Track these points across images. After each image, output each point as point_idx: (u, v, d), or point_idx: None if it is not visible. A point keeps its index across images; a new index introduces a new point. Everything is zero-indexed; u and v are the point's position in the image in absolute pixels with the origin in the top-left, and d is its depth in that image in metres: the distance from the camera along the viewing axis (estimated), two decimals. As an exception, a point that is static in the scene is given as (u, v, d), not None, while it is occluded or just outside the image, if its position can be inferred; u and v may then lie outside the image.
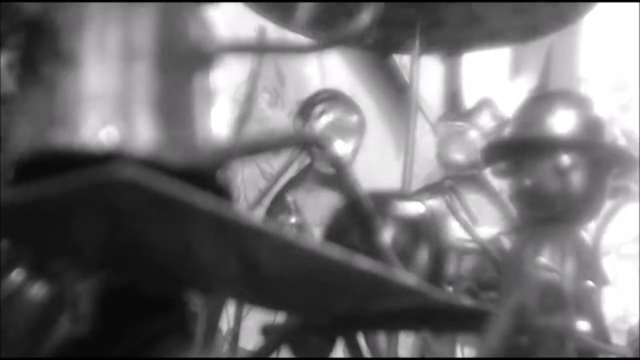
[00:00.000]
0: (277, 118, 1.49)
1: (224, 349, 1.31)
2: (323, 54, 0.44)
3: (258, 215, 1.14)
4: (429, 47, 1.31)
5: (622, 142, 1.12)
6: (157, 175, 0.30)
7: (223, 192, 0.39)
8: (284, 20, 1.20)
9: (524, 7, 1.27)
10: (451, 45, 1.42)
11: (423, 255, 0.64)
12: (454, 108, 1.91)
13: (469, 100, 1.96)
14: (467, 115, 1.34)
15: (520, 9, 1.28)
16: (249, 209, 1.31)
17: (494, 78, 2.22)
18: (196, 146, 0.39)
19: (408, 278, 0.45)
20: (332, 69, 1.67)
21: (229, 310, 1.16)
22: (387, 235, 0.46)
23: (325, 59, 1.63)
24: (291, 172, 1.22)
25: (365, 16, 0.47)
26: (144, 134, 0.37)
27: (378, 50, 1.62)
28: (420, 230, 0.65)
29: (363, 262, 0.40)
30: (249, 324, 1.20)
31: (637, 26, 2.00)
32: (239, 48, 0.45)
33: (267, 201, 1.24)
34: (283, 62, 1.48)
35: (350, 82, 1.78)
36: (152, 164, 0.36)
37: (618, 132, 1.14)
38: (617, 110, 2.15)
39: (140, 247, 0.36)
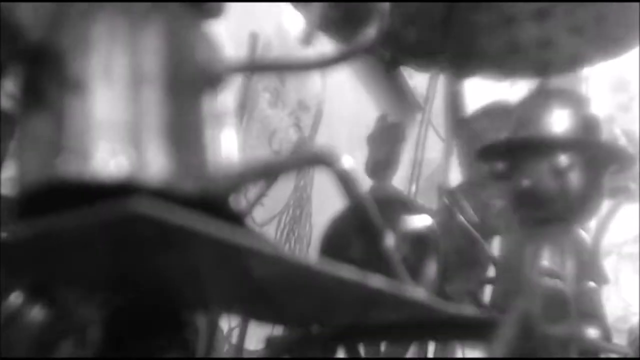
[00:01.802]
0: (278, 118, 1.49)
1: (225, 349, 1.32)
2: (328, 65, 0.43)
3: (269, 239, 1.13)
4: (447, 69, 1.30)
5: (622, 141, 1.12)
6: (170, 207, 0.29)
7: (235, 217, 0.39)
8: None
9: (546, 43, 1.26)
10: (471, 71, 1.41)
11: (430, 267, 0.64)
12: (455, 108, 1.91)
13: (469, 100, 1.95)
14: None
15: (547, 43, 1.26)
16: (249, 207, 1.31)
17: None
18: (207, 172, 0.38)
19: (416, 292, 0.45)
20: (333, 69, 1.66)
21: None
22: (395, 247, 0.46)
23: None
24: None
25: (373, 28, 0.47)
26: (155, 163, 0.36)
27: (392, 68, 1.62)
28: (428, 243, 0.65)
29: (373, 281, 0.40)
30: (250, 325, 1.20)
31: (638, 26, 1.99)
32: (246, 67, 0.44)
33: (266, 200, 1.23)
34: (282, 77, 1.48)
35: (351, 82, 1.78)
36: (164, 193, 0.35)
37: (618, 132, 1.14)
38: (617, 110, 2.15)
39: (152, 275, 0.36)
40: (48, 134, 0.37)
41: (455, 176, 1.42)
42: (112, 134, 0.36)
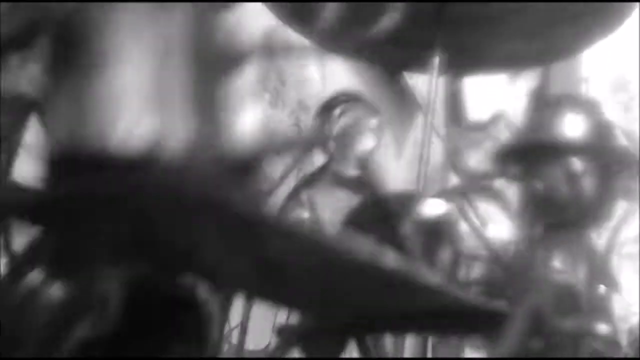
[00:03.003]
0: (278, 118, 1.49)
1: (225, 349, 1.31)
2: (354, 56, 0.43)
3: (287, 216, 1.14)
4: (447, 67, 1.30)
5: (622, 141, 1.12)
6: (190, 178, 0.29)
7: (256, 190, 0.39)
8: (304, 24, 1.19)
9: (542, 30, 1.25)
10: (469, 67, 1.41)
11: (444, 255, 0.64)
12: (455, 108, 1.91)
13: (469, 101, 1.95)
14: (482, 126, 1.34)
15: (537, 33, 1.26)
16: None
17: (495, 78, 2.22)
18: (228, 144, 0.39)
19: (432, 277, 0.45)
20: (333, 70, 1.66)
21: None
22: (410, 234, 0.46)
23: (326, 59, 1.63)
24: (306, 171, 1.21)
25: (389, 19, 0.47)
26: (177, 132, 0.37)
27: (396, 70, 1.62)
28: (442, 230, 0.65)
29: (391, 260, 0.40)
30: (250, 324, 1.20)
31: (638, 26, 2.00)
32: (268, 50, 0.44)
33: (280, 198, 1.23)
34: (284, 63, 1.47)
35: (350, 83, 1.78)
36: (186, 164, 0.36)
37: (618, 132, 1.15)
38: (617, 110, 2.15)
39: (170, 246, 0.36)
40: (75, 103, 0.37)
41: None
42: (137, 103, 0.37)
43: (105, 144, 0.35)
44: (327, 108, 1.20)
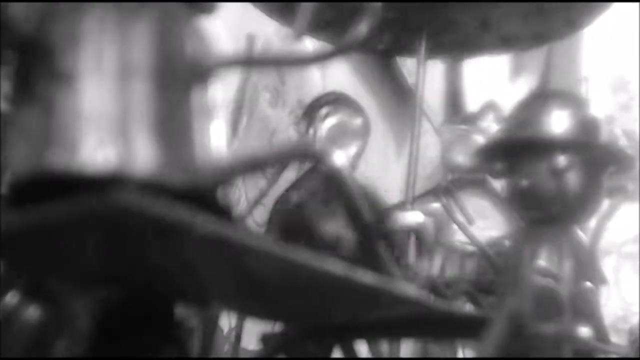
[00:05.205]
0: (278, 118, 1.49)
1: (225, 349, 1.32)
2: (319, 61, 0.44)
3: (257, 232, 1.14)
4: (435, 51, 1.29)
5: (623, 142, 1.12)
6: (157, 199, 0.29)
7: (223, 210, 0.39)
8: (288, 20, 1.19)
9: (535, 12, 1.25)
10: (458, 49, 1.40)
11: (424, 264, 0.65)
12: (455, 108, 1.91)
13: (469, 101, 1.95)
14: (471, 119, 1.33)
15: (531, 14, 1.26)
16: (249, 208, 1.31)
17: (495, 78, 2.22)
18: (196, 165, 0.38)
19: (408, 289, 0.45)
20: (333, 69, 1.66)
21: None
22: (387, 244, 0.46)
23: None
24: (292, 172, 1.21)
25: (365, 25, 0.47)
26: (143, 155, 0.36)
27: (384, 54, 1.61)
28: (421, 240, 0.65)
29: (365, 277, 0.40)
30: (249, 325, 1.20)
31: (638, 26, 1.99)
32: (239, 61, 0.44)
33: (267, 200, 1.23)
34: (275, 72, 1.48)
35: (351, 82, 1.78)
36: (151, 186, 0.35)
37: (619, 132, 1.15)
38: (617, 110, 2.15)
39: (139, 268, 0.36)
40: (36, 126, 0.37)
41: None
42: (101, 126, 0.36)
43: (68, 168, 0.35)
44: (312, 109, 1.20)
